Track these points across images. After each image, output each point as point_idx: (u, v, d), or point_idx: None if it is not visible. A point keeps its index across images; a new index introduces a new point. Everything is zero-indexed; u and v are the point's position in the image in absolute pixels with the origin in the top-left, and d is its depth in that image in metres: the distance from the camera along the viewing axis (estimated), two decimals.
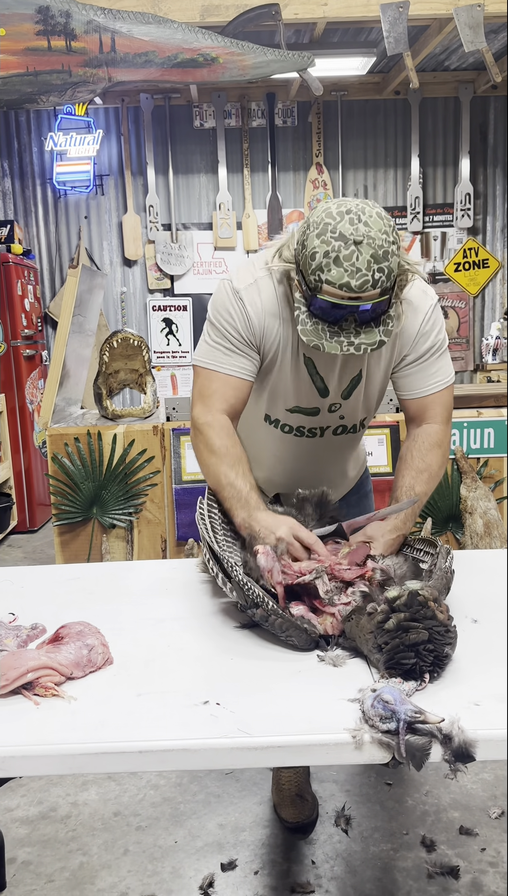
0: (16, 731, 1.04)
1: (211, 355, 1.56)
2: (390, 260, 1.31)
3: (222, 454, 1.52)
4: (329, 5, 3.81)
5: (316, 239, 1.32)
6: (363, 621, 1.19)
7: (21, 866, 1.95)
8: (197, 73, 3.40)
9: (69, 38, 3.26)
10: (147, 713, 1.07)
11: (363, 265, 1.29)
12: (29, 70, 3.26)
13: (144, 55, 3.32)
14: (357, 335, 1.37)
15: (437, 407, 1.63)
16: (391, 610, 1.15)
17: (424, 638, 1.10)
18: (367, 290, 1.31)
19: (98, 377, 3.27)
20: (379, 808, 2.12)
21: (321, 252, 1.31)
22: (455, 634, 1.15)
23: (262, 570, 1.32)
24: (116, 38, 3.30)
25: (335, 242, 1.29)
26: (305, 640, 1.25)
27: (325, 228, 1.31)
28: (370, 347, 1.37)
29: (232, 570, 1.30)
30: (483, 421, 3.16)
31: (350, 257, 1.29)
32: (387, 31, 3.66)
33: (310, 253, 1.33)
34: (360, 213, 1.31)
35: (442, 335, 1.60)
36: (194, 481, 3.11)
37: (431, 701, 1.05)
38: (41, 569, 1.84)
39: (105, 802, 2.19)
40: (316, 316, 1.37)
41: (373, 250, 1.29)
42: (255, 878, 1.87)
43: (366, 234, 1.29)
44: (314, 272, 1.32)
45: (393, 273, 1.33)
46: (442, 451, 1.63)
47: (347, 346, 1.37)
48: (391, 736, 0.98)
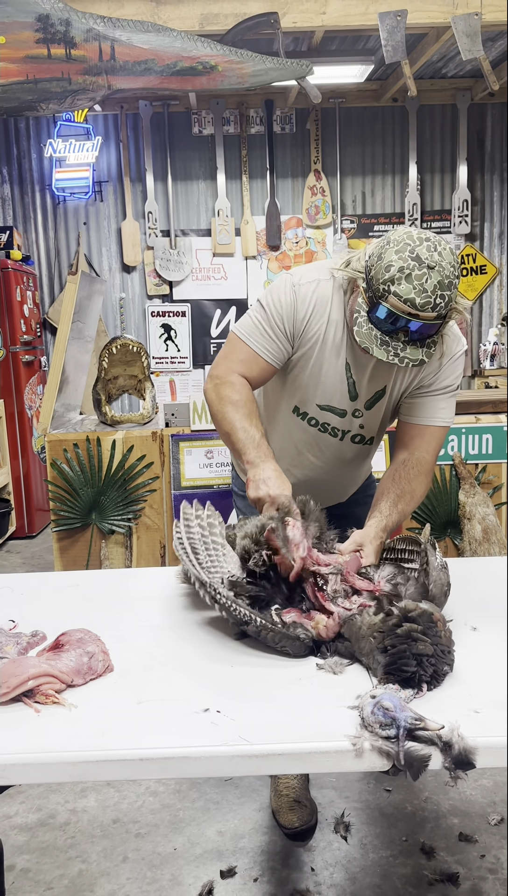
0: (16, 738, 1.04)
1: (250, 330, 1.70)
2: (452, 291, 1.45)
3: (239, 405, 1.64)
4: (328, 14, 3.83)
5: (394, 254, 1.44)
6: (368, 620, 1.21)
7: (20, 874, 1.95)
8: (196, 80, 3.41)
9: (69, 47, 3.27)
10: (148, 721, 1.07)
11: (430, 288, 1.42)
12: (29, 78, 3.27)
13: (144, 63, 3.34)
14: (404, 349, 1.48)
15: (434, 440, 1.74)
16: (404, 618, 1.17)
17: (429, 651, 1.13)
18: (427, 310, 1.43)
19: (97, 383, 3.27)
20: (378, 815, 2.12)
21: (397, 267, 1.43)
22: (453, 659, 1.19)
23: (288, 542, 1.36)
24: (116, 46, 3.31)
25: (411, 262, 1.42)
26: (299, 648, 1.27)
27: (404, 247, 1.44)
28: (412, 363, 1.49)
29: (216, 594, 1.31)
30: (481, 427, 3.17)
31: (421, 277, 1.42)
32: (385, 40, 3.69)
33: (385, 265, 1.45)
34: (437, 243, 1.45)
35: (459, 381, 1.75)
36: (193, 487, 3.12)
37: (431, 708, 1.05)
38: (41, 575, 1.85)
39: (104, 809, 2.18)
40: (373, 322, 1.49)
41: (441, 277, 1.42)
42: (254, 885, 1.87)
43: (439, 262, 1.42)
44: (385, 282, 1.44)
45: (451, 304, 1.47)
46: (428, 480, 1.73)
47: (393, 356, 1.49)
48: (391, 742, 0.98)
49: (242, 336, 1.70)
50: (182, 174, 5.84)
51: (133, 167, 5.82)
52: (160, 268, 5.82)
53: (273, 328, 1.67)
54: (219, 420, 1.67)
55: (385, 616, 1.19)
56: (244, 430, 1.61)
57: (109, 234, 5.90)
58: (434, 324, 1.46)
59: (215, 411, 1.69)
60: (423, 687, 1.11)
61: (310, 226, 5.90)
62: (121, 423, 3.26)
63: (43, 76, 3.31)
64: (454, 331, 1.71)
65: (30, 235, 5.89)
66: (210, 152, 5.81)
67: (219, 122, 5.72)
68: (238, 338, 1.71)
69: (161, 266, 5.82)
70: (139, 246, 5.84)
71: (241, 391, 1.66)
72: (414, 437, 1.74)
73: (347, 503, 1.97)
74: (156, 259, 5.82)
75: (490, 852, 1.96)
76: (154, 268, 5.84)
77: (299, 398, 1.77)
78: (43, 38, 3.27)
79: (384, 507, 1.64)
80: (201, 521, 1.58)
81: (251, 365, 1.69)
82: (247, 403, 1.65)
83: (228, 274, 5.87)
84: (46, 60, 3.30)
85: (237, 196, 5.86)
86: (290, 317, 1.66)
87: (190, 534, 1.52)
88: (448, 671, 1.16)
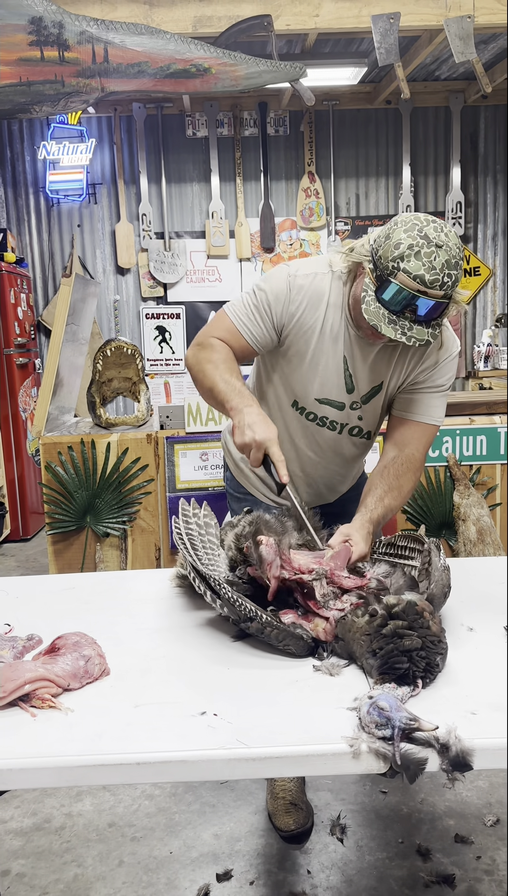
0: (13, 743, 1.03)
1: (240, 310, 1.71)
2: (458, 271, 1.49)
3: (218, 362, 1.65)
4: (321, 16, 3.84)
5: (403, 233, 1.48)
6: (358, 622, 1.21)
7: (15, 878, 1.94)
8: (190, 83, 3.42)
9: (62, 49, 3.27)
10: (144, 724, 1.07)
11: (439, 266, 1.45)
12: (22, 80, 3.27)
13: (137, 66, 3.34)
14: (411, 328, 1.51)
15: (424, 438, 1.76)
16: (389, 616, 1.17)
17: (418, 645, 1.12)
18: (435, 287, 1.47)
19: (92, 385, 3.27)
20: (374, 817, 2.11)
21: (406, 244, 1.46)
22: (446, 647, 1.17)
23: (262, 561, 1.35)
24: (109, 48, 3.31)
25: (420, 240, 1.46)
26: (302, 648, 1.27)
27: (413, 227, 1.48)
28: (419, 342, 1.52)
29: (220, 588, 1.30)
30: (475, 428, 3.18)
31: (430, 255, 1.45)
32: (378, 42, 3.70)
33: (395, 243, 1.48)
34: (443, 225, 1.50)
35: (452, 381, 1.78)
36: (188, 489, 3.11)
37: (428, 710, 1.05)
38: (36, 579, 1.84)
39: (100, 813, 2.18)
40: (381, 302, 1.51)
41: (449, 256, 1.46)
42: (250, 888, 1.87)
43: (446, 242, 1.47)
44: (395, 259, 1.47)
45: (457, 284, 1.50)
46: (416, 477, 1.74)
47: (401, 334, 1.51)
48: (388, 743, 0.98)
49: (229, 313, 1.72)
50: (176, 176, 5.85)
51: (127, 169, 5.81)
52: (154, 270, 5.82)
53: (261, 313, 1.69)
54: (200, 380, 1.68)
55: (370, 617, 1.19)
56: (225, 381, 1.62)
57: (103, 237, 5.90)
58: (441, 303, 1.49)
59: (196, 372, 1.69)
60: (418, 682, 1.11)
61: (304, 228, 5.91)
62: (115, 425, 3.25)
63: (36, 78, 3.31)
64: (450, 331, 1.73)
65: (24, 238, 5.88)
66: (204, 154, 5.82)
67: (213, 124, 5.72)
68: (225, 314, 1.73)
69: (155, 268, 5.82)
70: (133, 248, 5.84)
71: (220, 352, 1.68)
72: (405, 433, 1.75)
73: (340, 501, 1.97)
74: (150, 261, 5.81)
75: (486, 854, 1.96)
76: (148, 270, 5.84)
77: (298, 392, 1.77)
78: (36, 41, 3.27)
79: (371, 502, 1.65)
80: (198, 519, 1.59)
81: (232, 339, 1.70)
82: (227, 361, 1.66)
83: (222, 276, 5.87)
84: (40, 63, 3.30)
85: (231, 198, 5.86)
86: (279, 306, 1.68)
87: (189, 530, 1.52)
88: (441, 661, 1.16)
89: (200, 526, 1.56)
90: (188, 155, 5.83)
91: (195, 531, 1.54)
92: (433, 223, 1.48)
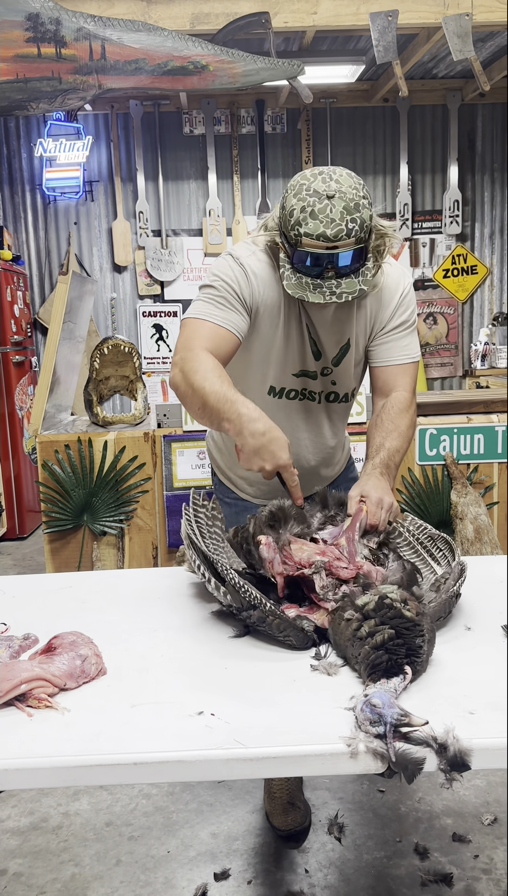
0: (9, 743, 1.03)
1: (203, 309, 1.60)
2: (361, 212, 1.45)
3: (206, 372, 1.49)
4: (319, 14, 3.83)
5: (293, 198, 1.46)
6: (341, 627, 1.21)
7: (12, 878, 1.93)
8: (187, 80, 3.41)
9: (59, 46, 3.26)
10: (142, 724, 1.06)
11: (337, 216, 1.43)
12: (19, 77, 3.26)
13: (135, 63, 3.33)
14: (338, 286, 1.48)
15: (406, 377, 1.74)
16: (363, 617, 1.17)
17: (390, 635, 1.12)
18: (342, 238, 1.44)
19: (88, 384, 3.26)
20: (372, 816, 2.11)
21: (299, 208, 1.44)
22: (424, 628, 1.16)
23: (263, 560, 1.36)
24: (107, 45, 3.30)
25: (310, 198, 1.44)
26: (303, 640, 1.27)
27: (301, 188, 1.46)
28: (351, 295, 1.48)
29: (226, 573, 1.31)
30: (473, 427, 3.18)
31: (325, 210, 1.43)
32: (376, 40, 3.69)
33: (289, 211, 1.46)
34: (331, 172, 1.46)
35: (415, 316, 1.75)
36: (185, 488, 3.11)
37: (426, 710, 1.04)
38: (33, 577, 1.83)
39: (97, 812, 2.17)
40: (299, 271, 1.49)
41: (345, 203, 1.43)
42: (248, 887, 1.87)
43: (338, 189, 1.43)
44: (294, 227, 1.46)
45: (366, 224, 1.46)
46: (410, 415, 1.72)
47: (329, 295, 1.48)
48: (383, 741, 0.98)
49: (197, 316, 1.60)
50: (173, 174, 5.83)
51: (124, 167, 5.80)
52: (151, 268, 5.81)
53: (228, 300, 1.60)
54: (189, 398, 1.52)
55: (346, 622, 1.19)
56: (214, 392, 1.46)
57: (99, 234, 5.89)
58: (358, 249, 1.46)
59: (183, 391, 1.53)
60: (407, 670, 1.10)
61: None
62: (112, 423, 3.25)
63: (33, 75, 3.29)
64: (395, 267, 1.70)
65: (20, 235, 5.87)
66: (201, 152, 5.81)
67: (210, 121, 5.71)
68: (194, 319, 1.60)
69: (152, 266, 5.81)
70: (130, 246, 5.83)
71: (205, 361, 1.52)
72: (388, 379, 1.74)
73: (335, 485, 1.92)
74: (147, 259, 5.80)
75: (483, 852, 1.96)
76: (145, 268, 5.83)
77: (272, 374, 1.73)
78: (33, 37, 3.26)
79: (373, 451, 1.63)
80: (207, 511, 1.59)
81: (214, 339, 1.58)
82: (214, 369, 1.51)
83: None
84: (36, 60, 3.28)
85: (228, 196, 5.85)
86: (245, 286, 1.61)
87: (198, 519, 1.53)
88: (423, 642, 1.15)
89: (208, 517, 1.57)
90: (185, 152, 5.81)
91: (204, 521, 1.54)
92: (320, 175, 1.45)
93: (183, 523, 1.50)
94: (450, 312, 6.08)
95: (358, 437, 2.85)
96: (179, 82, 3.42)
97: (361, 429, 3.05)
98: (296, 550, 1.39)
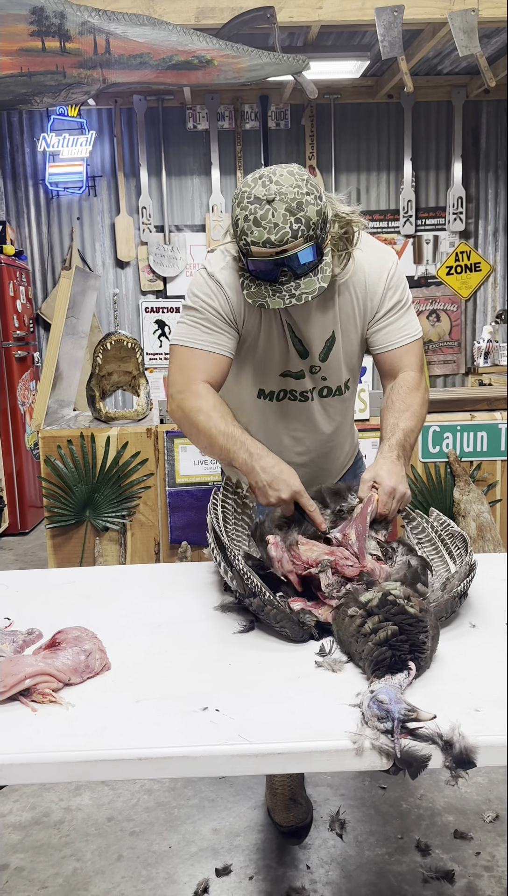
0: (13, 738, 1.03)
1: (190, 334, 1.63)
2: (306, 209, 1.41)
3: (210, 411, 1.56)
4: (324, 8, 3.82)
5: (237, 208, 1.45)
6: (345, 623, 1.22)
7: (14, 872, 1.93)
8: (192, 75, 3.39)
9: (64, 40, 3.25)
10: (146, 720, 1.06)
11: (280, 220, 1.40)
12: (23, 71, 3.25)
13: (139, 57, 3.31)
14: (298, 287, 1.46)
15: (411, 356, 1.71)
16: (366, 613, 1.18)
17: (393, 632, 1.12)
18: (288, 241, 1.42)
19: (91, 379, 3.25)
20: (374, 812, 2.11)
21: (242, 217, 1.43)
22: (428, 624, 1.16)
23: (272, 559, 1.38)
24: (111, 39, 3.29)
25: (252, 206, 1.41)
26: (297, 632, 1.28)
27: (243, 196, 1.44)
28: (310, 295, 1.47)
29: (234, 559, 1.33)
30: (476, 424, 3.17)
31: (266, 216, 1.40)
32: (382, 35, 3.67)
33: (234, 222, 1.46)
34: (271, 174, 1.43)
35: (407, 292, 1.71)
36: (187, 484, 3.11)
37: (432, 707, 1.04)
38: (36, 573, 1.83)
39: (99, 807, 2.17)
40: (257, 278, 1.48)
41: (286, 204, 1.40)
42: (250, 883, 1.87)
43: (278, 191, 1.40)
44: (241, 237, 1.45)
45: (312, 221, 1.42)
46: (421, 393, 1.69)
47: (289, 298, 1.47)
48: (390, 736, 0.97)
49: (184, 343, 1.62)
50: (176, 169, 5.82)
51: (127, 162, 5.79)
52: (154, 263, 5.80)
53: (212, 322, 1.61)
54: (194, 435, 1.59)
55: (350, 618, 1.20)
56: (223, 434, 1.53)
57: (102, 230, 5.88)
58: (308, 247, 1.43)
59: (187, 428, 1.61)
60: (411, 665, 1.10)
61: None
62: (115, 419, 3.24)
63: (37, 69, 3.28)
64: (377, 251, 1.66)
65: (23, 230, 5.86)
66: (205, 147, 5.79)
67: (214, 117, 5.70)
68: (183, 346, 1.63)
69: (155, 262, 5.80)
70: (133, 241, 5.82)
71: (206, 397, 1.58)
72: (393, 363, 1.71)
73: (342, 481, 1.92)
74: (150, 254, 5.79)
75: (485, 849, 1.96)
76: (148, 263, 5.82)
77: (262, 378, 1.72)
78: (37, 31, 3.24)
79: (387, 432, 1.60)
80: (238, 498, 1.61)
81: (206, 366, 1.61)
82: (217, 407, 1.57)
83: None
84: (41, 53, 3.27)
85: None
86: (225, 306, 1.61)
87: (225, 504, 1.55)
88: (426, 638, 1.15)
89: (238, 505, 1.58)
90: (189, 148, 5.80)
91: (231, 508, 1.56)
92: (260, 180, 1.41)
93: (209, 506, 1.53)
94: (453, 310, 6.07)
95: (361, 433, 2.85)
96: (183, 77, 3.41)
97: (365, 426, 3.04)
98: (305, 550, 1.40)
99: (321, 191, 1.47)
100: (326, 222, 1.48)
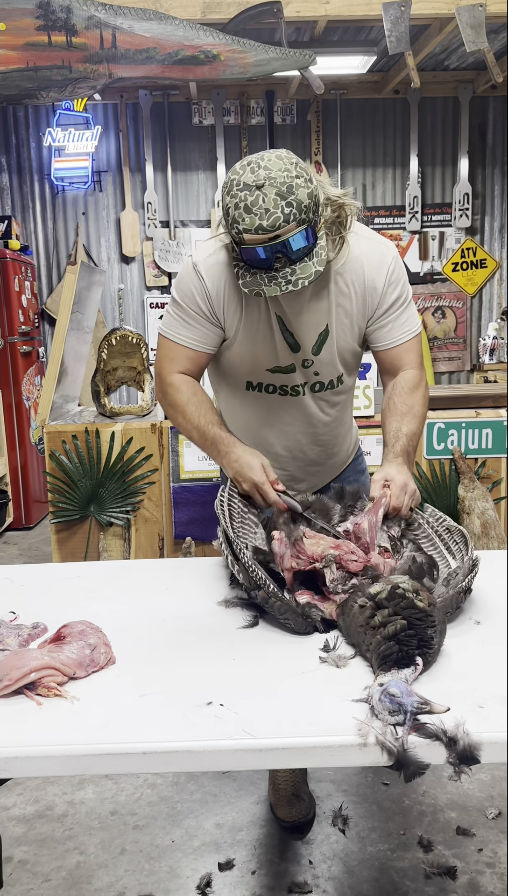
0: (18, 731, 1.03)
1: (173, 326, 1.69)
2: (296, 193, 1.40)
3: (185, 405, 1.67)
4: (331, 3, 3.80)
5: (227, 196, 1.43)
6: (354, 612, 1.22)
7: (17, 865, 1.94)
8: (198, 70, 3.38)
9: (70, 34, 3.24)
10: (150, 714, 1.07)
11: (271, 205, 1.39)
12: (29, 65, 3.24)
13: (145, 52, 3.30)
14: (293, 273, 1.45)
15: (411, 354, 1.71)
16: (375, 606, 1.17)
17: (402, 626, 1.12)
18: (281, 226, 1.40)
19: (96, 374, 3.25)
20: (376, 808, 2.12)
21: (232, 205, 1.42)
22: (436, 619, 1.16)
23: (275, 555, 1.39)
24: (117, 34, 3.28)
25: (242, 193, 1.40)
26: (301, 625, 1.29)
27: (232, 185, 1.43)
28: (306, 280, 1.45)
29: (241, 553, 1.35)
30: (480, 421, 3.17)
31: (257, 201, 1.39)
32: (389, 30, 3.65)
33: (225, 211, 1.44)
34: (260, 160, 1.42)
35: (408, 287, 1.70)
36: (192, 479, 3.11)
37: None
38: (41, 567, 1.84)
39: (102, 801, 2.18)
40: (252, 266, 1.46)
41: (276, 188, 1.39)
42: (252, 877, 1.87)
43: (267, 176, 1.39)
44: (233, 226, 1.44)
45: (304, 204, 1.41)
46: (422, 392, 1.69)
47: (285, 284, 1.45)
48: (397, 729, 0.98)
49: (167, 335, 1.70)
50: (182, 165, 5.81)
51: (133, 157, 5.78)
52: (159, 259, 5.79)
53: (192, 318, 1.64)
54: (179, 427, 1.72)
55: (360, 608, 1.20)
56: (198, 429, 1.66)
57: (107, 225, 5.87)
58: (301, 231, 1.42)
59: (172, 419, 1.73)
60: (418, 661, 1.10)
61: None
62: (120, 414, 3.24)
63: (43, 64, 3.27)
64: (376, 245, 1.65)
65: (28, 225, 5.86)
66: (210, 143, 5.78)
67: (219, 112, 5.68)
68: (165, 337, 1.71)
69: (160, 257, 5.79)
70: (138, 237, 5.81)
71: (183, 390, 1.68)
72: (393, 361, 1.71)
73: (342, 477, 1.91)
74: (155, 250, 5.79)
75: (487, 846, 1.96)
76: (153, 259, 5.81)
77: (250, 371, 1.71)
78: (43, 26, 3.23)
79: (391, 438, 1.62)
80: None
81: (183, 360, 1.68)
82: (191, 398, 1.67)
83: None
84: (47, 48, 3.26)
85: None
86: (204, 300, 1.62)
87: (231, 501, 1.56)
88: (434, 633, 1.15)
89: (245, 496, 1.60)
90: (194, 143, 5.79)
91: (237, 506, 1.57)
92: (248, 166, 1.41)
93: (217, 502, 1.54)
94: (459, 306, 6.06)
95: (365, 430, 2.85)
96: (189, 72, 3.39)
97: (369, 422, 3.04)
98: (311, 545, 1.39)
99: (312, 174, 1.46)
100: (318, 205, 1.46)
